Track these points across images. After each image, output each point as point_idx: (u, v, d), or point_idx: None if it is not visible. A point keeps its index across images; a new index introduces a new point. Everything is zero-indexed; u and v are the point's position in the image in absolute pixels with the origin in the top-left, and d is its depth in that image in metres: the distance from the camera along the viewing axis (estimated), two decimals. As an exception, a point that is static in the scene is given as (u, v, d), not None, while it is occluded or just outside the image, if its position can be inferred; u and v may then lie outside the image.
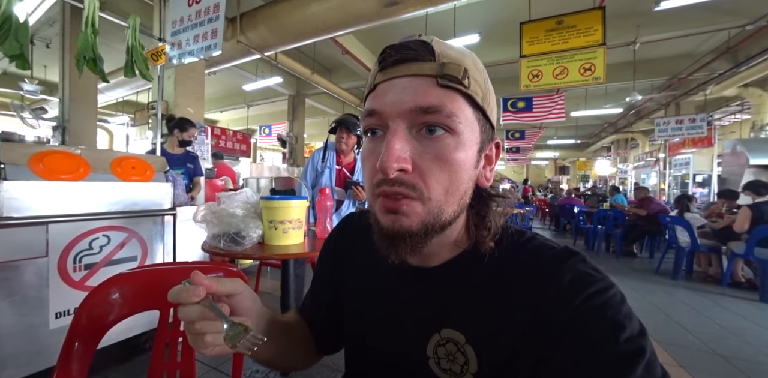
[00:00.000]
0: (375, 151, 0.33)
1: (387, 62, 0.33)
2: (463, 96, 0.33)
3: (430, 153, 0.32)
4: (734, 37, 5.09)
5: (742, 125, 8.26)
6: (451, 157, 0.32)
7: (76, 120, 3.94)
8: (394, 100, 0.32)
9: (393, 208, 0.33)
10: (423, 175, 0.32)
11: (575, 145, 15.57)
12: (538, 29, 3.64)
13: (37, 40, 5.36)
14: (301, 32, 3.91)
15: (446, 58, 0.32)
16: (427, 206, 0.32)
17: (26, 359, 1.22)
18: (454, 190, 0.33)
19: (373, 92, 0.35)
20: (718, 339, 2.02)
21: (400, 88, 0.32)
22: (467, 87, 0.32)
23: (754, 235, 2.83)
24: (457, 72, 0.32)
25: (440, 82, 0.32)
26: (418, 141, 0.32)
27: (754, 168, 4.96)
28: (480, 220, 0.38)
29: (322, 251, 0.56)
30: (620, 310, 0.30)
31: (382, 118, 0.33)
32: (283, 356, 0.47)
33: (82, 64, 2.07)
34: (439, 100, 0.31)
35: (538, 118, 5.70)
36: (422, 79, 0.32)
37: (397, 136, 0.32)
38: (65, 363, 0.59)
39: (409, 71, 0.32)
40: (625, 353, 0.28)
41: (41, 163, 1.32)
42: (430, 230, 0.33)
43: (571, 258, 0.34)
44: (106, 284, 0.69)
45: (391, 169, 0.30)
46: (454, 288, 0.38)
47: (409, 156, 0.32)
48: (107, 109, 8.86)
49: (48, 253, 1.29)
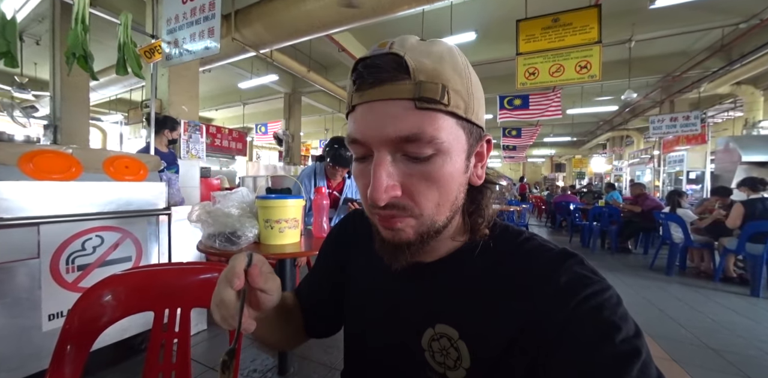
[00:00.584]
0: (364, 174, 0.34)
1: (363, 83, 0.32)
2: (444, 113, 0.32)
3: (416, 175, 0.32)
4: (728, 35, 5.13)
5: (734, 123, 8.34)
6: (438, 174, 0.33)
7: (67, 118, 3.88)
8: (373, 128, 0.32)
9: (389, 226, 0.35)
10: (413, 197, 0.33)
11: (571, 142, 15.66)
12: (534, 27, 3.64)
13: (26, 37, 5.27)
14: (297, 29, 3.87)
15: (423, 75, 0.31)
16: (419, 220, 0.34)
17: (19, 362, 1.21)
18: (445, 201, 0.34)
19: (353, 113, 0.35)
20: (710, 333, 2.05)
21: (378, 115, 0.31)
22: (447, 105, 0.31)
23: (746, 231, 2.87)
24: (435, 92, 0.30)
25: (418, 106, 0.31)
26: (404, 164, 0.33)
27: (746, 165, 5.01)
28: (474, 208, 0.39)
29: (326, 242, 0.58)
30: (616, 312, 0.30)
31: (366, 146, 0.33)
32: (276, 335, 0.50)
33: (72, 61, 2.03)
34: (419, 126, 0.31)
35: (534, 116, 5.70)
36: (399, 104, 0.31)
37: (382, 165, 0.32)
38: (58, 366, 0.58)
39: (384, 95, 0.31)
40: (621, 354, 0.28)
41: (31, 163, 1.30)
42: (426, 238, 0.35)
43: (568, 260, 0.35)
44: (99, 286, 0.68)
45: (381, 199, 0.31)
46: (449, 284, 0.39)
47: (397, 181, 0.32)
48: (100, 107, 8.75)
49: (40, 254, 1.28)
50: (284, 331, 0.51)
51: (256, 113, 10.76)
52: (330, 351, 1.71)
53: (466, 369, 0.36)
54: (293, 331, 0.53)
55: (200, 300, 0.77)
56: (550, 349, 0.31)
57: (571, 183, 14.85)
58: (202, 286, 0.77)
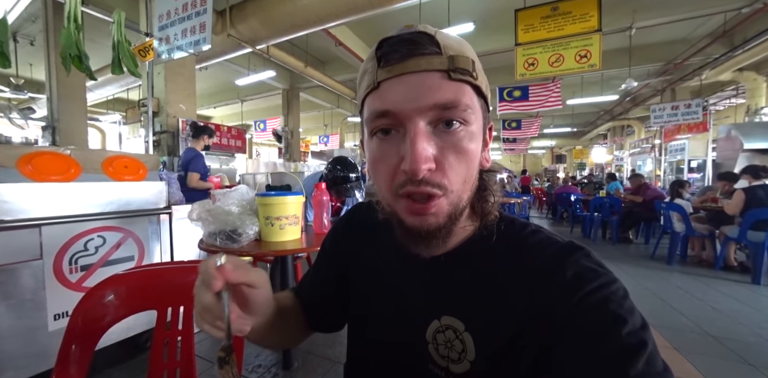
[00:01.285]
0: (390, 151, 0.33)
1: (391, 58, 0.32)
2: (472, 87, 0.34)
3: (449, 147, 0.33)
4: (730, 20, 5.04)
5: (736, 110, 8.26)
6: (467, 147, 0.33)
7: (65, 119, 3.87)
8: (409, 98, 0.32)
9: (421, 211, 0.34)
10: (446, 171, 0.33)
11: (572, 133, 15.56)
12: (533, 16, 3.58)
13: (20, 38, 5.22)
14: (293, 24, 3.83)
15: (452, 51, 0.32)
16: (449, 199, 0.34)
17: (26, 361, 1.23)
18: (469, 177, 0.35)
19: (377, 90, 0.34)
20: (711, 321, 2.06)
21: (412, 85, 0.32)
22: (476, 78, 0.33)
23: (747, 218, 2.86)
24: (467, 64, 0.32)
25: (453, 76, 0.32)
26: (437, 136, 0.33)
27: (749, 152, 4.97)
28: (481, 195, 0.40)
29: (328, 236, 0.57)
30: (622, 305, 0.30)
31: (398, 118, 0.32)
32: (276, 337, 0.49)
33: (69, 61, 2.02)
34: (455, 95, 0.32)
35: (534, 107, 5.65)
36: (434, 74, 0.32)
37: (421, 135, 0.31)
38: (63, 366, 0.59)
39: (418, 67, 0.31)
40: (627, 347, 0.28)
41: (30, 165, 1.30)
42: (454, 220, 0.35)
43: (575, 253, 0.35)
44: (101, 286, 0.69)
45: (421, 170, 0.31)
46: (456, 277, 0.39)
47: (432, 153, 0.32)
48: (98, 107, 8.72)
49: (42, 255, 1.29)
50: (285, 332, 0.51)
51: (254, 110, 10.71)
52: (334, 346, 1.73)
53: (470, 361, 0.36)
54: (295, 330, 0.53)
55: (202, 298, 0.77)
56: (556, 341, 0.31)
57: (572, 174, 14.80)
58: (203, 285, 0.77)
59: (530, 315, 0.33)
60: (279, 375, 1.49)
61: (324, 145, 11.10)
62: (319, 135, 11.72)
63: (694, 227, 3.38)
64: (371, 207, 0.53)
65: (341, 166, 1.75)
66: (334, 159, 1.82)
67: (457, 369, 0.37)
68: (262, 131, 9.05)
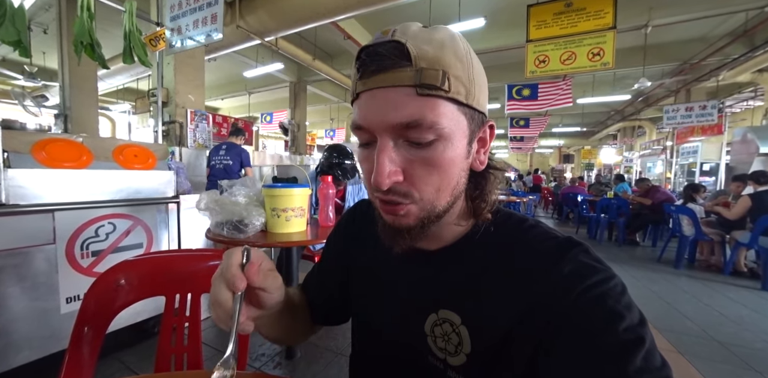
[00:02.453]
0: (369, 157, 0.35)
1: (366, 71, 0.33)
2: (445, 99, 0.32)
3: (417, 160, 0.33)
4: (752, 19, 4.88)
5: (754, 112, 8.06)
6: (440, 160, 0.33)
7: (77, 108, 3.91)
8: (375, 114, 0.32)
9: (391, 211, 0.35)
10: (414, 182, 0.34)
11: (581, 133, 15.33)
12: (546, 12, 3.51)
13: (34, 26, 5.28)
14: (302, 16, 3.80)
15: (424, 62, 0.31)
16: (419, 205, 0.35)
17: (40, 342, 1.27)
18: (445, 186, 0.35)
19: (357, 101, 0.35)
20: (717, 326, 2.04)
21: (380, 101, 0.32)
22: (448, 91, 0.32)
23: (760, 224, 2.81)
24: (435, 79, 0.31)
25: (419, 92, 0.31)
26: (406, 149, 0.33)
27: (764, 156, 4.86)
28: (478, 194, 0.40)
29: (332, 234, 0.59)
30: (620, 301, 0.30)
31: (370, 132, 0.34)
32: (280, 332, 0.50)
33: (80, 50, 2.04)
34: (420, 112, 0.31)
35: (543, 106, 5.58)
36: (400, 90, 0.31)
37: (385, 151, 0.32)
38: (76, 347, 0.61)
39: (386, 82, 0.31)
40: (624, 342, 0.28)
41: (43, 151, 1.32)
42: (426, 223, 0.36)
43: (573, 248, 0.34)
44: (112, 271, 0.70)
45: (384, 184, 0.32)
46: (453, 271, 0.40)
47: (398, 166, 0.33)
48: (108, 96, 8.80)
49: (56, 240, 1.32)
50: (290, 328, 0.51)
51: (261, 102, 10.73)
52: (336, 337, 1.75)
53: (466, 354, 0.36)
54: (300, 326, 0.53)
55: (209, 286, 0.78)
56: (552, 336, 0.31)
57: (579, 174, 14.63)
58: (211, 273, 0.78)
59: (527, 310, 0.33)
60: (282, 364, 1.51)
61: (330, 138, 11.11)
62: (325, 129, 11.73)
63: (704, 231, 3.33)
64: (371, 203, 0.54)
65: (337, 153, 1.81)
66: (330, 146, 1.88)
67: (455, 361, 0.37)
68: (269, 123, 9.07)
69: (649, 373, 0.26)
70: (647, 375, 0.26)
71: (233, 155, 3.18)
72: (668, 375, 0.27)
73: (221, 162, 3.12)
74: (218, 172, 3.09)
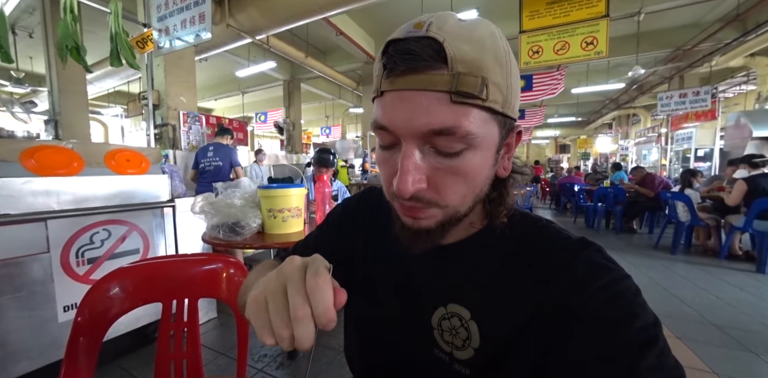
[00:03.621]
0: (390, 161, 0.34)
1: (394, 70, 0.30)
2: (480, 108, 0.30)
3: (444, 169, 0.31)
4: (743, 3, 4.86)
5: (746, 97, 8.06)
6: (468, 169, 0.32)
7: (67, 112, 3.86)
8: (404, 118, 0.30)
9: (412, 215, 0.34)
10: (438, 190, 0.32)
11: (576, 122, 15.32)
12: (538, 2, 3.48)
13: (18, 30, 5.18)
14: (293, 13, 3.75)
15: (462, 66, 0.28)
16: (444, 211, 0.34)
17: (38, 352, 1.26)
18: (470, 193, 0.34)
19: (380, 99, 0.32)
20: (714, 310, 2.07)
21: (408, 105, 0.29)
22: (485, 99, 0.29)
23: (754, 208, 2.83)
24: (473, 86, 0.28)
25: (454, 99, 0.28)
26: (433, 157, 0.31)
27: (757, 140, 4.88)
28: (496, 196, 0.39)
29: (339, 210, 0.56)
30: (634, 301, 0.30)
31: (395, 136, 0.32)
32: None
33: (65, 53, 2.00)
34: (454, 120, 0.29)
35: (538, 97, 5.56)
36: (433, 95, 0.29)
37: (410, 158, 0.30)
38: (72, 357, 0.60)
39: (418, 85, 0.29)
40: (638, 341, 0.27)
41: (33, 159, 1.30)
42: (447, 226, 0.35)
43: (586, 248, 0.34)
44: (106, 279, 0.69)
45: (407, 192, 0.31)
46: (465, 266, 0.39)
47: (423, 174, 0.31)
48: (99, 100, 8.70)
49: (50, 248, 1.30)
50: None
51: (255, 102, 10.64)
52: (338, 336, 1.75)
53: (474, 349, 0.36)
54: None
55: (207, 290, 0.78)
56: (565, 334, 0.30)
57: (575, 164, 14.67)
58: (207, 277, 0.78)
59: (539, 308, 0.33)
60: (284, 364, 1.52)
61: (326, 136, 11.05)
62: (320, 126, 11.66)
63: (700, 217, 3.36)
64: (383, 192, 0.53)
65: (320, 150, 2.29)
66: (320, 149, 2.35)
67: (461, 355, 0.37)
68: (264, 123, 9.01)
69: (662, 372, 0.26)
70: (660, 374, 0.26)
71: (222, 156, 3.12)
72: (681, 375, 0.27)
73: (210, 163, 3.06)
74: (208, 174, 3.02)
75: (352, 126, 12.98)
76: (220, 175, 3.04)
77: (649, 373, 0.26)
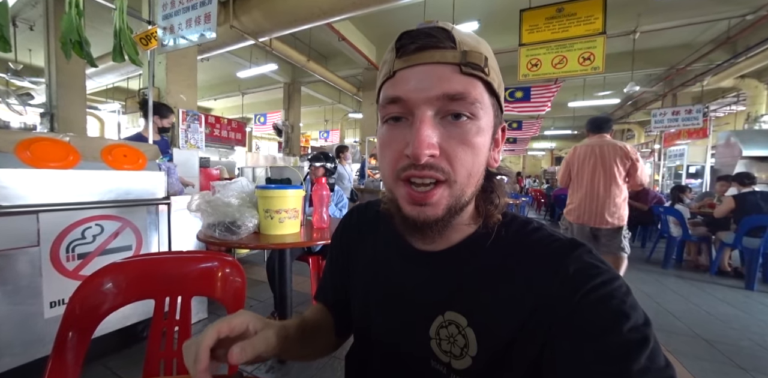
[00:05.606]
0: (397, 137, 0.35)
1: (407, 49, 0.33)
2: (483, 83, 0.34)
3: (455, 138, 0.33)
4: (734, 27, 5.04)
5: (736, 117, 8.29)
6: (473, 141, 0.34)
7: (64, 106, 3.82)
8: (419, 88, 0.33)
9: (421, 200, 0.34)
10: (450, 159, 0.33)
11: (572, 135, 15.57)
12: (538, 17, 3.56)
13: (19, 22, 5.15)
14: (296, 17, 3.79)
15: (467, 46, 0.33)
16: (453, 189, 0.34)
17: (22, 348, 1.22)
18: (475, 172, 0.35)
19: (392, 79, 0.35)
20: (704, 324, 2.08)
21: (424, 76, 0.33)
22: (487, 75, 0.34)
23: (743, 225, 2.88)
24: (479, 60, 0.33)
25: (464, 70, 0.33)
26: (444, 126, 0.34)
27: (747, 159, 4.99)
28: (487, 197, 0.40)
29: (334, 237, 0.58)
30: (625, 301, 0.30)
31: (407, 106, 0.34)
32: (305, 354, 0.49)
33: (69, 47, 1.99)
34: (464, 88, 0.32)
35: (535, 109, 5.65)
36: (446, 67, 0.33)
37: (426, 122, 0.33)
38: (59, 353, 0.59)
39: (431, 59, 0.33)
40: (629, 342, 0.28)
41: (28, 151, 1.29)
42: (453, 213, 0.36)
43: (577, 249, 0.35)
44: (99, 274, 0.68)
45: (423, 155, 0.32)
46: (460, 272, 0.39)
47: (436, 141, 0.33)
48: (97, 95, 8.63)
49: (40, 242, 1.28)
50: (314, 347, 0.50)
51: (255, 103, 10.64)
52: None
53: (472, 357, 0.36)
54: (325, 342, 0.53)
55: (200, 289, 0.77)
56: (558, 336, 0.31)
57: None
58: (202, 275, 0.77)
59: (533, 311, 0.33)
60: (275, 368, 1.49)
61: (324, 140, 11.07)
62: (319, 130, 11.69)
63: (691, 232, 3.41)
64: (369, 206, 0.55)
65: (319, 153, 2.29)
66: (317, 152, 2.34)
67: (459, 365, 0.37)
68: (262, 125, 9.00)
69: (653, 373, 0.27)
70: (651, 375, 0.26)
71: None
72: (672, 375, 0.27)
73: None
74: None
75: (350, 131, 13.03)
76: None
77: (641, 374, 0.26)
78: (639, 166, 2.06)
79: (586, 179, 2.19)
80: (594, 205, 2.14)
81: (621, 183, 2.09)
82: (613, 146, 2.14)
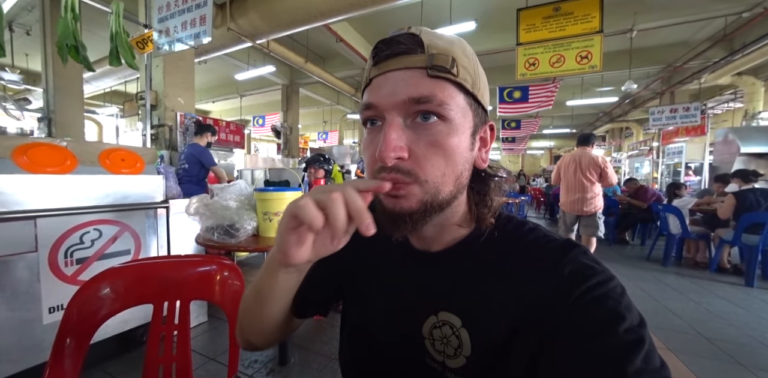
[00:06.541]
0: (374, 141, 0.35)
1: (380, 57, 0.35)
2: (453, 84, 0.34)
3: (424, 139, 0.34)
4: (731, 24, 5.06)
5: (734, 114, 8.30)
6: (444, 142, 0.34)
7: (61, 111, 3.82)
8: (388, 93, 0.34)
9: (392, 193, 0.34)
10: (418, 161, 0.33)
11: (570, 134, 15.57)
12: (535, 16, 3.57)
13: (16, 27, 5.14)
14: (294, 19, 3.79)
15: (435, 49, 0.34)
16: (424, 188, 0.34)
17: (20, 354, 1.22)
18: (450, 172, 0.35)
19: (369, 86, 0.36)
20: (705, 322, 2.08)
21: (393, 81, 0.34)
22: (456, 75, 0.34)
23: (742, 222, 2.88)
24: (445, 62, 0.33)
25: (430, 73, 0.33)
26: (413, 129, 0.34)
27: (745, 156, 5.01)
28: (480, 199, 0.40)
29: None
30: (620, 302, 0.31)
31: (379, 110, 0.34)
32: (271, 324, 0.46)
33: (65, 52, 1.99)
34: (430, 90, 0.33)
35: (533, 108, 5.66)
36: (413, 71, 0.33)
37: (393, 126, 0.33)
38: (57, 359, 0.59)
39: (400, 65, 0.34)
40: (624, 343, 0.28)
41: (25, 156, 1.28)
42: (429, 209, 0.35)
43: (572, 250, 0.35)
44: (96, 279, 0.68)
45: (389, 158, 0.32)
46: (454, 273, 0.40)
47: (405, 144, 0.33)
48: (95, 99, 8.62)
49: (38, 247, 1.27)
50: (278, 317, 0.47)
51: (253, 105, 10.64)
52: (330, 342, 1.73)
53: (466, 357, 0.36)
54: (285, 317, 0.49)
55: (199, 292, 0.77)
56: (553, 338, 0.31)
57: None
58: (200, 279, 0.77)
59: (528, 311, 0.33)
60: (275, 371, 1.49)
61: (323, 141, 11.06)
62: (318, 131, 11.68)
63: (690, 229, 3.41)
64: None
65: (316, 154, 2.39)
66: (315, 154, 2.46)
67: (453, 364, 0.37)
68: (261, 127, 8.99)
69: (649, 374, 0.27)
70: (647, 376, 0.27)
71: (188, 156, 2.87)
72: (667, 376, 0.27)
73: (180, 167, 2.87)
74: (181, 179, 2.81)
75: (349, 132, 13.03)
76: (192, 178, 2.85)
77: (636, 375, 0.26)
78: (608, 171, 2.84)
79: (570, 180, 2.99)
80: (575, 199, 2.95)
81: (595, 183, 2.87)
82: (589, 157, 2.90)
